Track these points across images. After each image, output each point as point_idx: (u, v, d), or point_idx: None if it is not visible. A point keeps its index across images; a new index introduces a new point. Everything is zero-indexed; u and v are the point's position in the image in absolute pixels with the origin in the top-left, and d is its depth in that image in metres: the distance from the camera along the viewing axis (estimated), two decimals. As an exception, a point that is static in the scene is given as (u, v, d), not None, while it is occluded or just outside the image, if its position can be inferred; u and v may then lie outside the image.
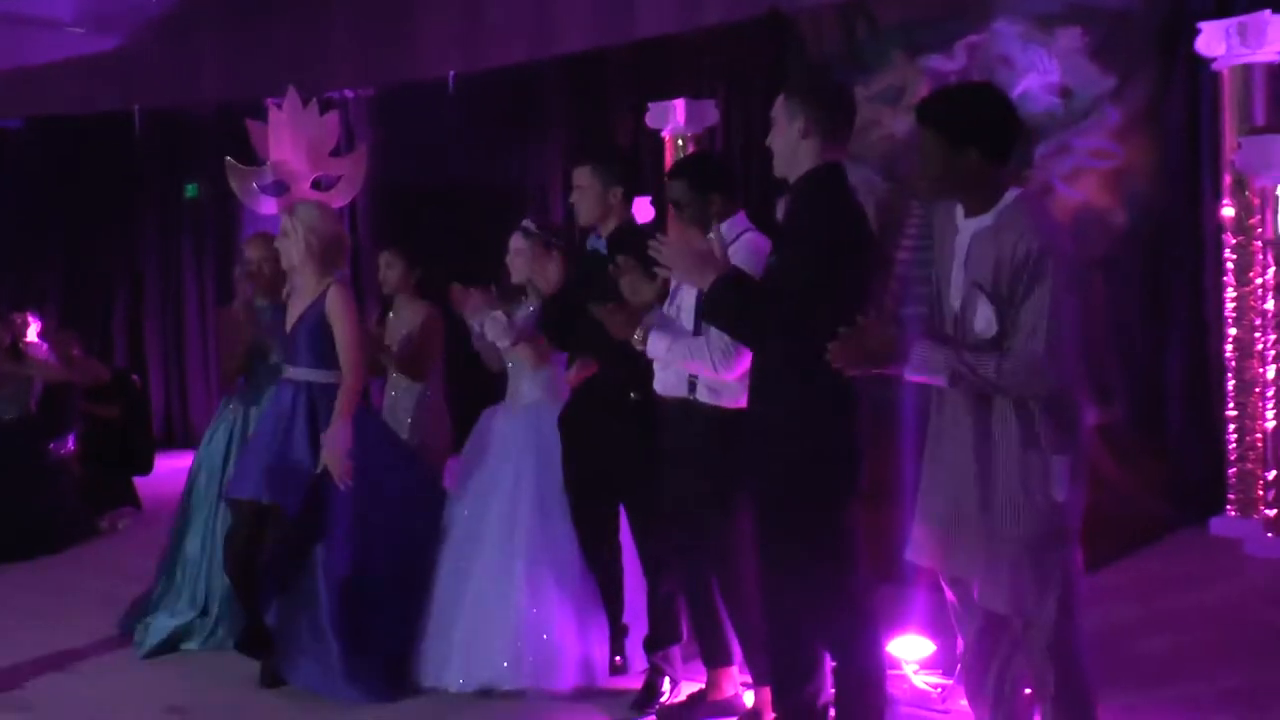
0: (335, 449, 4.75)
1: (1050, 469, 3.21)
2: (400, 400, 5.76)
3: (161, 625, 5.56)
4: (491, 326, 5.01)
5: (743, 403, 4.08)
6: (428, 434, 5.73)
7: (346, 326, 4.90)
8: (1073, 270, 3.26)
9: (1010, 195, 3.30)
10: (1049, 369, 3.15)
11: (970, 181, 3.29)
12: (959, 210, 3.37)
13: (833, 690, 3.90)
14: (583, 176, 4.79)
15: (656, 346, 4.17)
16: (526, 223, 5.18)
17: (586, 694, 4.75)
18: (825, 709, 3.90)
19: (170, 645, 5.49)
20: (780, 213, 4.09)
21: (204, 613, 5.57)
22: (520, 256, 5.07)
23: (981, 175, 3.28)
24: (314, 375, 5.00)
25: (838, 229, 3.69)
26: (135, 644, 5.57)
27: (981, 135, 3.28)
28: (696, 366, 4.12)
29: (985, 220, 3.27)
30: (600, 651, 4.87)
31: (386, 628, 4.98)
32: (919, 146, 3.37)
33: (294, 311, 5.05)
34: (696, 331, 4.14)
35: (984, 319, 3.22)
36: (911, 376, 3.28)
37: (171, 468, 8.89)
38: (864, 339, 3.25)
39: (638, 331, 4.21)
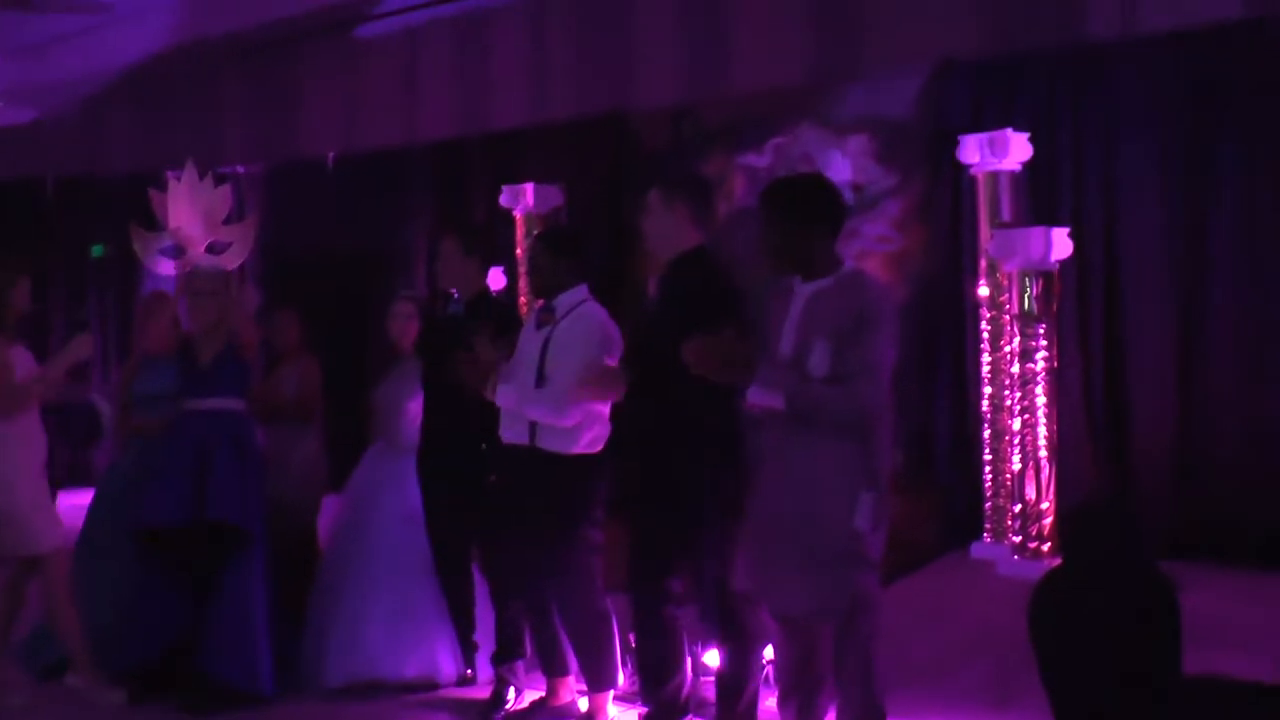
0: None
1: (857, 502, 3.28)
2: (284, 444, 5.62)
3: (54, 651, 5.26)
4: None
5: (576, 449, 4.11)
6: (307, 474, 5.62)
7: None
8: (895, 329, 3.35)
9: (849, 265, 3.38)
10: (868, 404, 3.23)
11: (810, 254, 3.36)
12: (794, 279, 3.42)
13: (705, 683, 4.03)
14: (445, 245, 4.78)
15: (506, 397, 4.17)
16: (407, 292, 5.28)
17: (440, 701, 4.70)
18: (687, 702, 4.02)
19: (60, 670, 5.20)
20: (652, 288, 4.15)
21: (94, 641, 5.27)
22: (398, 318, 5.15)
23: (820, 248, 3.35)
24: (231, 404, 5.02)
25: (711, 298, 3.78)
26: (28, 668, 5.29)
27: (820, 215, 3.36)
28: (539, 413, 4.13)
29: (825, 283, 3.34)
30: (444, 656, 4.85)
31: (279, 630, 4.93)
32: (764, 226, 3.40)
33: (207, 353, 5.03)
34: (538, 383, 4.15)
35: (820, 361, 3.27)
36: (752, 399, 3.31)
37: (71, 504, 8.50)
38: (721, 346, 3.28)
39: (489, 382, 4.21)
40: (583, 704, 4.39)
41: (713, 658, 4.46)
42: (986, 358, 6.72)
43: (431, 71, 10.71)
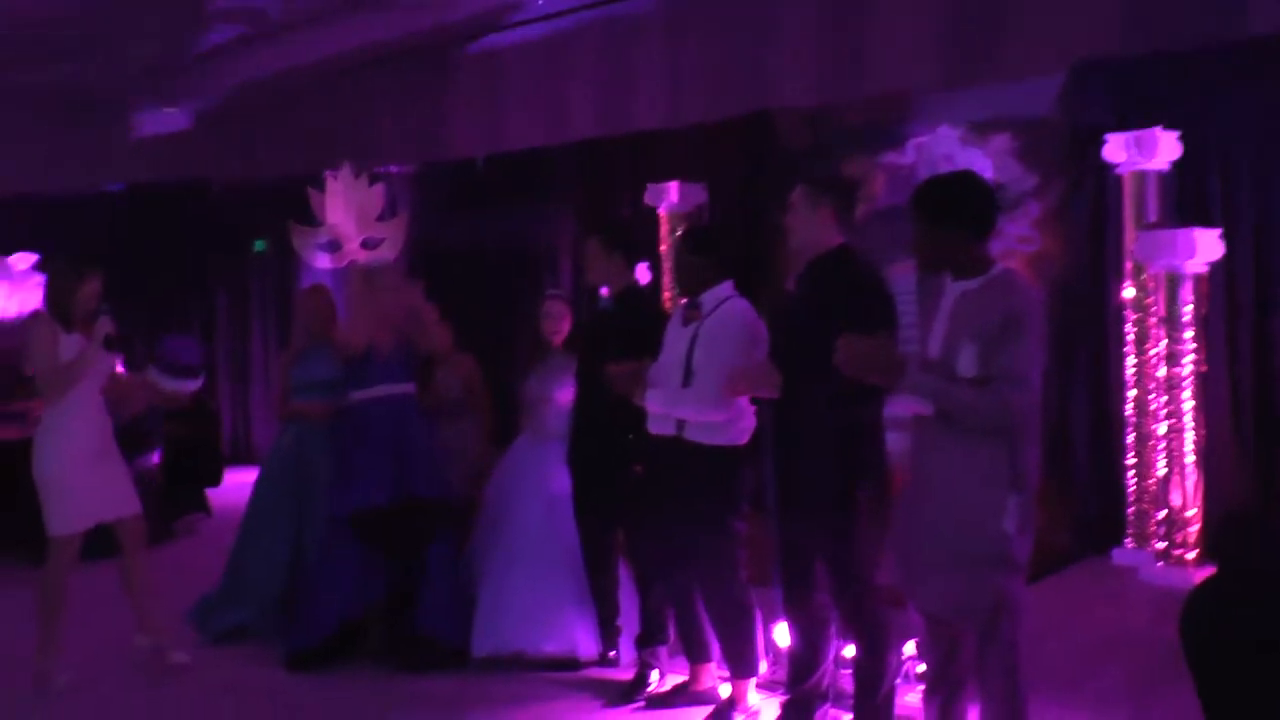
0: None
1: (1004, 504, 3.22)
2: (451, 434, 5.77)
3: (225, 619, 5.54)
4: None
5: (722, 440, 4.12)
6: (468, 464, 5.75)
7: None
8: (1044, 333, 3.27)
9: (999, 266, 3.31)
10: (1015, 408, 3.16)
11: (957, 254, 3.30)
12: (946, 277, 3.39)
13: (844, 675, 4.09)
14: (592, 245, 4.83)
15: (655, 402, 4.20)
16: (556, 291, 5.37)
17: (584, 681, 4.78)
18: (827, 691, 4.11)
19: (230, 637, 5.47)
20: (791, 285, 4.14)
21: (262, 610, 5.54)
22: (550, 317, 5.22)
23: (967, 249, 3.29)
24: (407, 389, 5.28)
25: (862, 295, 3.79)
26: (200, 631, 5.55)
27: (965, 215, 3.30)
28: (689, 413, 4.14)
29: (973, 284, 3.28)
30: (582, 635, 4.95)
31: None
32: (915, 225, 3.34)
33: (387, 343, 5.25)
34: (685, 380, 4.17)
35: (968, 362, 3.21)
36: (899, 404, 3.27)
37: (237, 481, 8.86)
38: (870, 346, 3.25)
39: (637, 391, 4.25)
40: (724, 690, 4.41)
41: (851, 650, 4.45)
42: (1131, 361, 6.52)
43: (576, 74, 10.85)
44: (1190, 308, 6.12)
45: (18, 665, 5.01)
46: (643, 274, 8.51)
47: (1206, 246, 6.06)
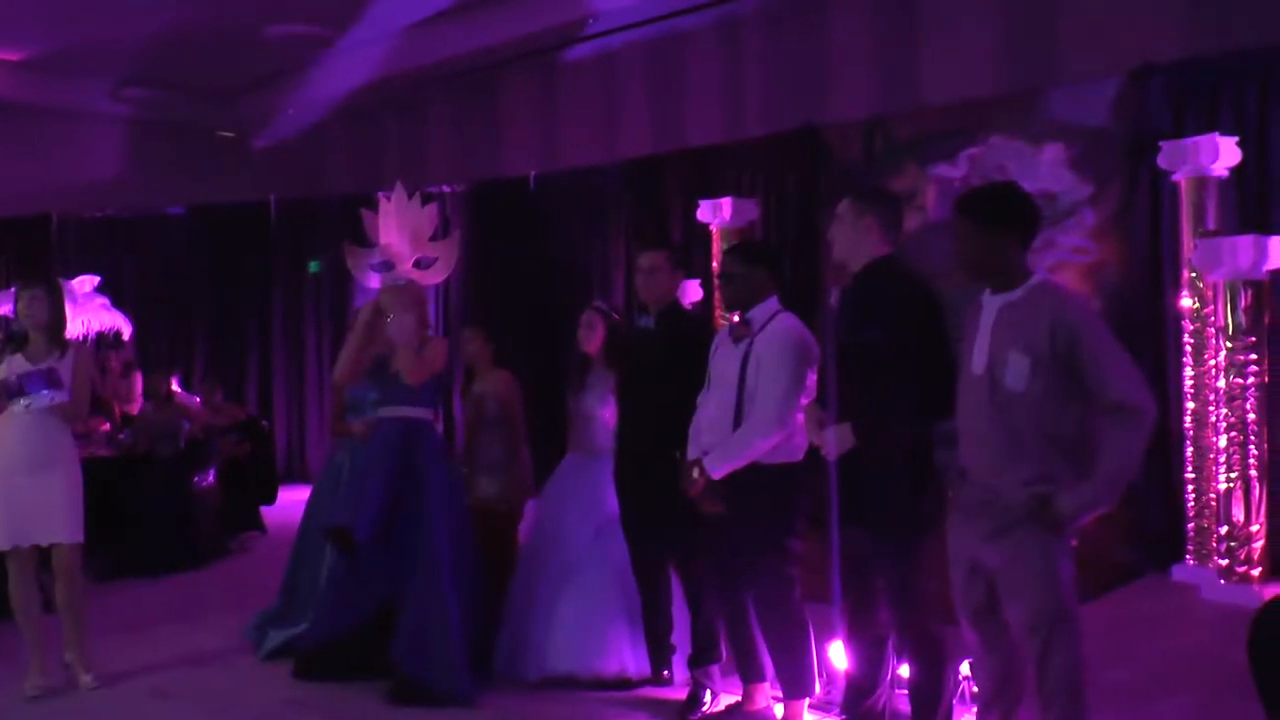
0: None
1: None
2: (488, 451, 5.72)
3: (279, 635, 5.55)
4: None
5: (777, 458, 4.06)
6: (512, 478, 5.70)
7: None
8: (1104, 327, 3.20)
9: (1037, 277, 3.26)
10: (1147, 401, 3.08)
11: (1004, 263, 3.26)
12: (985, 292, 3.33)
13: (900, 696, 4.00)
14: (656, 259, 4.73)
15: (720, 467, 4.10)
16: (597, 303, 5.28)
17: (637, 701, 4.72)
18: (883, 713, 4.00)
19: (285, 653, 5.47)
20: (834, 299, 4.07)
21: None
22: (584, 327, 5.16)
23: (1013, 257, 3.25)
24: (414, 412, 5.10)
25: (915, 303, 3.74)
26: (256, 648, 5.58)
27: (1015, 224, 3.26)
28: (756, 451, 4.07)
29: (1014, 295, 3.23)
30: (630, 656, 4.88)
31: (480, 628, 5.04)
32: (959, 234, 3.31)
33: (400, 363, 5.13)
34: (739, 398, 4.10)
35: (1017, 375, 3.15)
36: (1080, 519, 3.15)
37: (291, 499, 8.91)
38: None
39: (695, 471, 4.17)
40: (778, 710, 4.34)
41: (908, 670, 4.37)
42: (1189, 372, 6.38)
43: (629, 92, 10.85)
44: (1252, 316, 5.99)
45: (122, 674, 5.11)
46: (693, 291, 8.48)
47: (1269, 253, 5.93)
